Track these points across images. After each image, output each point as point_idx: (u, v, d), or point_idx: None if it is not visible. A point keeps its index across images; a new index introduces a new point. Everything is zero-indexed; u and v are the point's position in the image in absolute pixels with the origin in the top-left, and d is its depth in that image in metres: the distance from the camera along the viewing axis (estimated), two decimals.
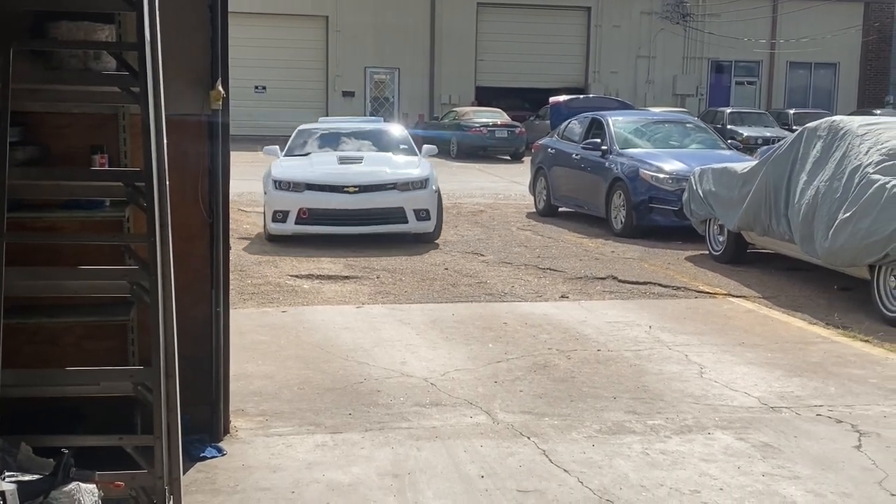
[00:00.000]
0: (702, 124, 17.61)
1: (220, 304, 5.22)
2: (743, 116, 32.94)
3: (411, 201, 12.51)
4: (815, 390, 6.49)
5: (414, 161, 13.75)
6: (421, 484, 4.78)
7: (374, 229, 12.48)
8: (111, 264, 4.51)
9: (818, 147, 9.93)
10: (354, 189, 12.41)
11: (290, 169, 12.99)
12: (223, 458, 5.05)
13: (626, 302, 9.36)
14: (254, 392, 6.16)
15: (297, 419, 5.72)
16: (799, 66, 42.44)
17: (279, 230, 12.43)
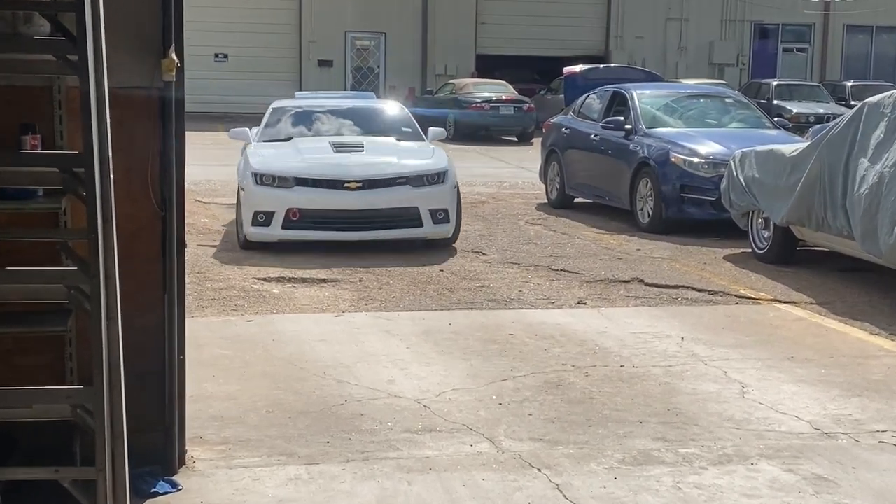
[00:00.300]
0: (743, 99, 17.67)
1: (174, 311, 5.21)
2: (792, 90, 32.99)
3: (427, 199, 11.72)
4: (878, 413, 6.50)
5: (426, 148, 13.02)
6: None
7: (380, 234, 11.70)
8: (45, 265, 4.51)
9: (882, 126, 9.94)
10: (357, 185, 11.57)
11: (273, 159, 12.14)
12: (178, 493, 5.03)
13: (654, 309, 9.39)
14: (214, 416, 6.15)
15: (265, 448, 5.70)
16: (858, 29, 42.53)
17: (261, 235, 11.51)
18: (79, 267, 3.96)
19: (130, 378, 3.90)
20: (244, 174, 11.95)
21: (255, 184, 11.56)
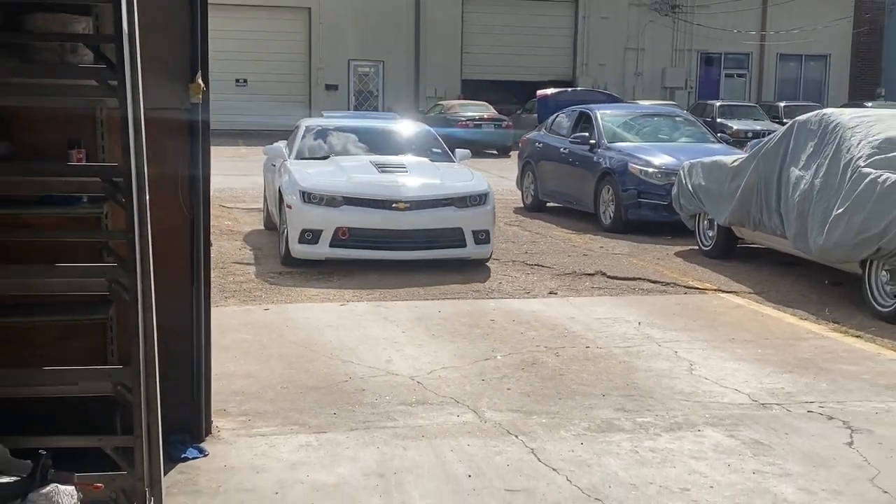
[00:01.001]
0: (691, 117, 17.66)
1: (200, 301, 5.20)
2: (732, 109, 33.03)
3: (470, 220, 10.46)
4: (806, 386, 6.52)
5: (465, 171, 11.73)
6: (407, 484, 4.78)
7: (426, 254, 10.33)
8: (89, 261, 4.50)
9: (809, 140, 9.97)
10: (405, 205, 10.24)
11: (320, 177, 10.68)
12: (205, 458, 5.03)
13: (615, 298, 9.39)
14: (236, 391, 6.14)
15: (280, 419, 5.70)
16: (789, 58, 42.62)
17: (307, 253, 10.19)
18: (118, 263, 3.95)
19: (164, 359, 3.89)
20: (290, 191, 10.46)
21: (303, 202, 10.21)
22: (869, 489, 4.82)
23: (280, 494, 4.63)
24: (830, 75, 42.87)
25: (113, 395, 3.98)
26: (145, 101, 3.98)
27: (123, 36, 3.84)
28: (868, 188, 8.77)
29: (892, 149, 9.11)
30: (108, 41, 4.01)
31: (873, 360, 7.22)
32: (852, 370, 6.93)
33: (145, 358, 3.71)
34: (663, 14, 40.96)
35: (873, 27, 42.27)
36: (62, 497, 3.13)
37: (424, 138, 12.88)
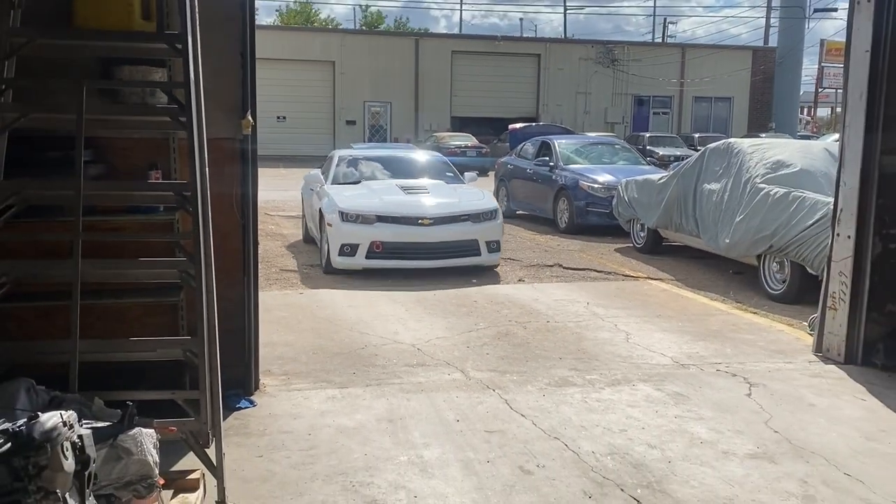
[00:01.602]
0: (627, 145, 17.65)
1: (250, 287, 5.20)
2: (659, 139, 33.00)
3: (483, 233, 9.78)
4: (716, 351, 6.54)
5: (476, 191, 10.85)
6: (410, 426, 4.78)
7: (447, 263, 9.55)
8: (164, 256, 4.49)
9: (718, 163, 9.99)
10: (429, 221, 9.54)
11: (355, 199, 9.86)
12: (254, 408, 5.03)
13: (570, 284, 9.39)
14: (278, 356, 6.13)
15: (312, 377, 5.69)
16: (702, 99, 42.71)
17: (346, 264, 9.44)
18: (187, 258, 3.95)
19: (223, 332, 3.89)
20: (330, 211, 9.65)
21: (342, 220, 9.46)
22: (763, 429, 4.85)
23: (312, 435, 4.62)
24: (734, 113, 42.97)
25: (183, 360, 3.99)
26: (208, 133, 3.97)
27: (190, 83, 3.84)
28: (762, 200, 8.80)
29: (781, 169, 9.13)
30: (179, 87, 4.00)
31: (766, 331, 7.25)
32: (751, 338, 6.96)
33: (208, 330, 3.70)
34: (606, 66, 41.03)
35: (766, 75, 42.37)
36: (144, 438, 3.13)
37: (439, 164, 11.99)
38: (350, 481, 4.04)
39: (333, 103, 38.38)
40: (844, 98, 6.32)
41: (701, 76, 41.32)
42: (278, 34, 37.85)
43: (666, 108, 42.81)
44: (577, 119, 40.04)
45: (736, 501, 3.90)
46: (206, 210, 3.82)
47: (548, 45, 42.09)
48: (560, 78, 40.62)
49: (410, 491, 3.94)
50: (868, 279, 6.13)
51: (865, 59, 6.01)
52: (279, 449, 4.43)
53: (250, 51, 4.98)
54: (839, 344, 6.27)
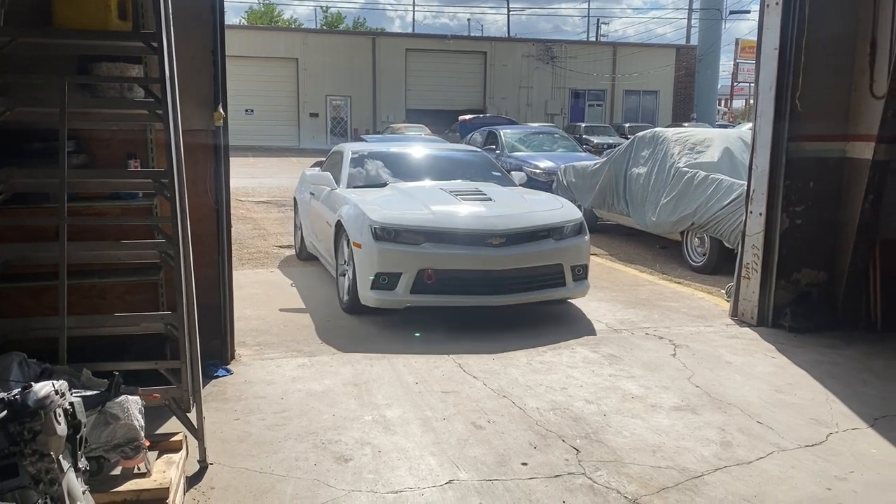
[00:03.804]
0: (565, 135, 17.80)
1: (225, 266, 5.15)
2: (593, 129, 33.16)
3: (568, 254, 6.39)
4: (645, 317, 6.67)
5: (551, 198, 7.42)
6: (374, 389, 4.80)
7: (524, 298, 6.21)
8: (144, 239, 4.43)
9: (646, 149, 10.13)
10: (499, 240, 6.12)
11: (392, 209, 6.41)
12: (231, 376, 5.01)
13: None
14: (252, 329, 6.09)
15: (283, 347, 5.67)
16: (632, 93, 43.02)
17: (383, 301, 6.06)
18: (166, 239, 3.89)
19: (200, 307, 3.85)
20: (357, 228, 6.28)
21: (376, 239, 6.07)
22: (687, 385, 4.97)
23: (284, 399, 4.62)
24: (660, 105, 43.39)
25: (164, 333, 3.95)
26: (182, 125, 3.90)
27: (166, 79, 3.78)
28: (685, 183, 8.96)
29: (702, 155, 9.30)
30: (156, 82, 3.92)
31: (689, 299, 7.40)
32: (675, 305, 7.10)
33: (187, 305, 3.67)
34: (546, 63, 41.06)
35: (688, 71, 42.85)
36: (131, 404, 3.11)
37: (482, 161, 8.51)
38: (320, 439, 4.06)
39: (297, 97, 37.82)
40: (756, 90, 6.46)
41: (630, 72, 41.66)
42: (246, 33, 37.11)
43: (600, 101, 43.07)
44: (521, 111, 40.08)
45: (663, 448, 4.01)
46: (183, 195, 3.77)
47: (493, 43, 41.94)
48: (505, 73, 40.59)
49: (375, 446, 3.97)
50: (777, 251, 6.30)
51: (774, 56, 6.15)
52: (254, 412, 4.42)
53: (220, 48, 4.91)
54: (752, 309, 6.45)
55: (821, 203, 6.26)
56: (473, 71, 40.59)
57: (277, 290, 7.56)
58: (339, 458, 3.83)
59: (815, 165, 6.21)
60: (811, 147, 6.18)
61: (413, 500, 3.43)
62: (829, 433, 4.22)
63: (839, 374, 5.19)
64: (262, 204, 14.44)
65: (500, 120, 23.40)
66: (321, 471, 3.70)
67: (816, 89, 6.08)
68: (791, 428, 4.29)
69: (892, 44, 5.77)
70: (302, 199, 8.88)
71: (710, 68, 42.13)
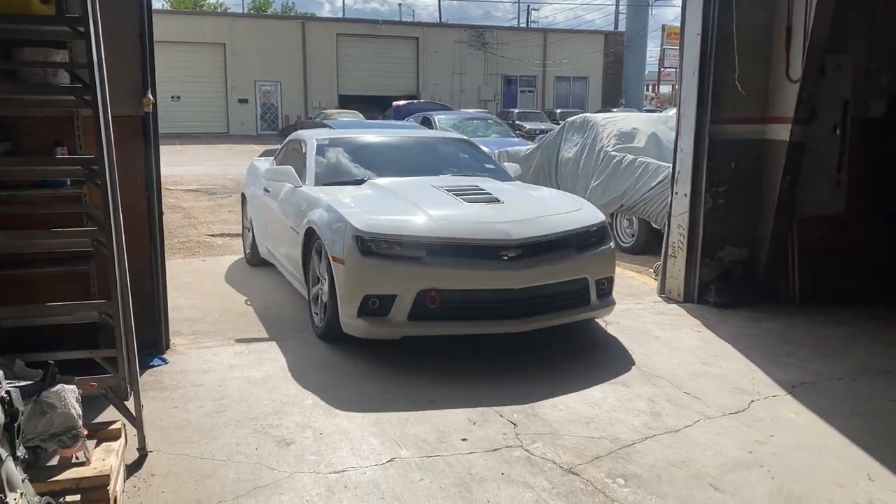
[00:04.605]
0: (499, 120, 17.97)
1: (157, 255, 5.10)
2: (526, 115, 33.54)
3: (593, 266, 5.28)
4: None
5: (565, 196, 6.32)
6: (310, 375, 4.83)
7: (545, 322, 5.08)
8: (73, 227, 4.36)
9: (576, 134, 10.35)
10: (516, 252, 4.94)
11: (380, 213, 5.17)
12: (167, 365, 4.97)
13: None
14: (187, 319, 6.03)
15: (219, 336, 5.63)
16: (562, 79, 43.68)
17: (373, 330, 4.89)
18: (98, 228, 3.85)
19: (134, 296, 3.81)
20: (335, 238, 5.05)
21: (363, 254, 4.87)
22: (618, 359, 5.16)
23: (222, 387, 4.61)
24: (590, 90, 44.17)
25: (98, 322, 3.91)
26: (112, 110, 3.86)
27: (94, 64, 3.72)
28: (614, 166, 9.19)
29: (630, 139, 9.56)
30: (83, 67, 3.86)
31: (619, 278, 7.52)
32: None
33: (121, 292, 3.64)
34: (478, 49, 41.29)
35: (616, 57, 43.70)
36: (67, 393, 3.08)
37: (471, 151, 7.28)
38: (260, 424, 4.08)
39: (225, 83, 37.08)
40: (679, 76, 6.70)
41: (561, 58, 42.25)
42: (171, 18, 36.09)
43: (531, 87, 43.56)
44: (454, 97, 40.23)
45: (596, 419, 4.17)
46: (115, 182, 3.73)
47: (425, 29, 41.91)
48: (437, 59, 40.64)
49: (316, 429, 4.02)
50: (702, 230, 6.57)
51: (697, 42, 6.38)
52: (192, 400, 4.41)
53: (148, 33, 4.84)
54: (679, 286, 6.71)
55: (742, 183, 6.55)
56: (406, 57, 40.52)
57: (211, 279, 7.48)
58: (280, 442, 3.87)
59: (737, 147, 6.49)
60: (732, 130, 6.45)
61: (355, 478, 3.50)
62: (751, 401, 4.46)
63: (761, 346, 5.47)
64: (191, 192, 14.19)
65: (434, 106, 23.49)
66: (263, 454, 3.73)
67: (737, 73, 6.34)
68: (716, 397, 4.52)
69: (805, 30, 6.06)
70: (253, 195, 7.61)
71: (638, 54, 43.03)
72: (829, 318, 6.15)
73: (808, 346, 5.49)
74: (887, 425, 4.14)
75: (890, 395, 4.57)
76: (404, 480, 3.48)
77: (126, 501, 3.29)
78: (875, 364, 5.13)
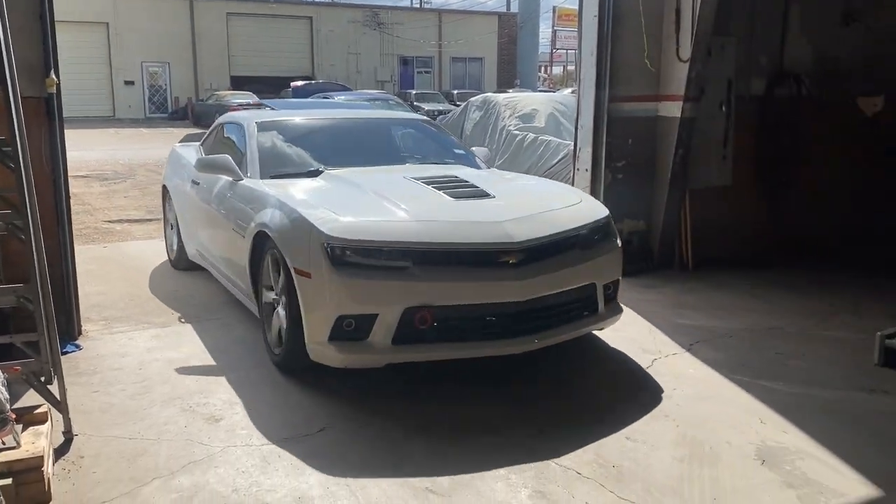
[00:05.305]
0: (400, 101, 18.15)
1: (66, 239, 5.01)
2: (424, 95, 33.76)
3: (600, 269, 4.49)
4: None
5: (559, 188, 5.65)
6: (232, 353, 4.86)
7: (554, 337, 4.22)
8: None
9: (479, 114, 10.61)
10: (518, 256, 4.07)
11: (351, 213, 4.20)
12: (81, 351, 4.90)
13: None
14: (94, 305, 5.91)
15: (132, 320, 5.56)
16: (458, 59, 44.09)
17: (352, 357, 3.95)
18: (12, 210, 3.76)
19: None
20: (300, 245, 4.11)
21: (334, 264, 3.93)
22: None
23: (143, 369, 4.60)
24: (485, 71, 44.76)
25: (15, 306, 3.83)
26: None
27: (1, 43, 3.63)
28: (517, 145, 9.52)
29: (531, 119, 9.91)
30: None
31: None
32: None
33: (40, 275, 3.60)
34: (373, 29, 41.10)
35: (510, 38, 44.43)
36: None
37: (437, 135, 6.35)
38: (187, 403, 4.11)
39: (110, 64, 35.48)
40: (578, 56, 7.02)
41: (456, 38, 42.60)
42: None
43: (428, 68, 43.74)
44: (350, 78, 39.90)
45: None
46: (28, 163, 3.66)
47: (319, 8, 41.25)
48: (332, 39, 40.18)
49: (245, 404, 4.08)
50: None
51: (594, 23, 6.70)
52: (113, 384, 4.38)
53: (49, 11, 4.72)
54: None
55: (638, 159, 6.95)
56: (299, 37, 39.87)
57: (115, 265, 7.32)
58: (209, 419, 3.92)
59: (633, 124, 6.87)
60: (629, 107, 6.83)
61: (289, 448, 3.60)
62: (654, 359, 4.82)
63: (659, 310, 5.86)
64: (81, 178, 13.65)
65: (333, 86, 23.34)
66: (193, 431, 3.78)
67: (633, 53, 6.71)
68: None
69: (693, 13, 6.47)
70: (178, 188, 6.63)
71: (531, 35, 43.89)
72: (719, 283, 6.64)
73: (702, 308, 5.93)
74: (774, 374, 4.58)
75: (776, 349, 5.04)
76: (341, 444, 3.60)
77: (58, 484, 3.28)
78: (761, 322, 5.61)
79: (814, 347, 5.05)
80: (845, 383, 4.45)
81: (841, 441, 3.69)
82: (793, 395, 4.27)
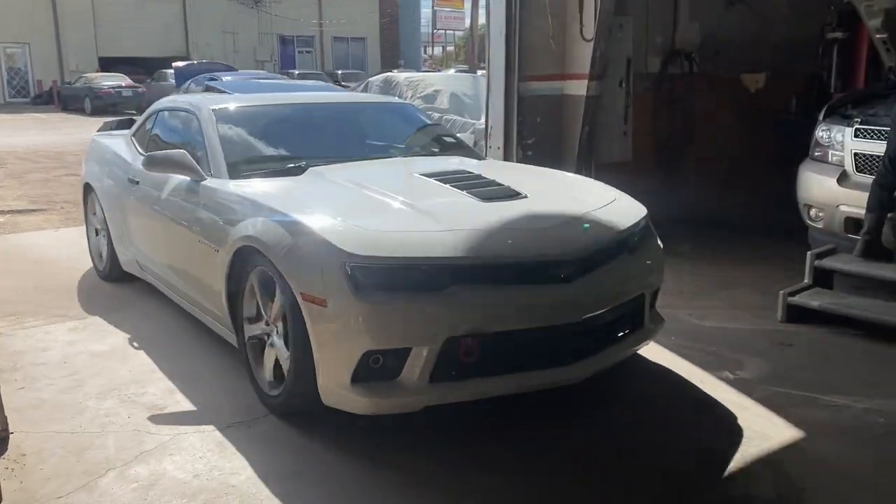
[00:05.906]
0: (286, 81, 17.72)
1: None
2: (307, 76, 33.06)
3: (647, 276, 3.79)
4: None
5: (591, 185, 4.59)
6: (160, 342, 4.75)
7: (604, 361, 3.43)
8: None
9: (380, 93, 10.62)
10: (569, 269, 3.28)
11: (373, 224, 3.30)
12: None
13: None
14: (1, 301, 5.60)
15: (45, 314, 5.31)
16: (340, 39, 43.59)
17: (381, 402, 3.07)
18: None
19: None
20: (313, 266, 3.13)
21: (356, 289, 3.00)
22: None
23: (68, 363, 4.43)
24: (368, 52, 44.46)
25: None
26: None
27: None
28: None
29: (433, 100, 10.02)
30: None
31: None
32: None
33: None
34: (250, 7, 39.98)
35: (392, 18, 44.34)
36: None
37: (422, 120, 5.51)
38: (125, 394, 4.01)
39: None
40: (487, 35, 7.19)
41: (337, 18, 42.02)
42: None
43: (309, 48, 43.01)
44: (228, 57, 38.53)
45: None
46: None
47: None
48: (206, 18, 38.76)
49: (188, 392, 4.02)
50: None
51: (502, 4, 6.89)
52: (39, 379, 4.21)
53: None
54: None
55: (547, 135, 7.21)
56: (172, 15, 38.28)
57: (13, 258, 6.94)
58: (152, 408, 3.85)
59: (541, 102, 7.12)
60: (537, 86, 7.06)
61: (244, 432, 3.59)
62: None
63: None
64: None
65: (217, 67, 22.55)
66: (139, 421, 3.70)
67: (539, 33, 6.94)
68: None
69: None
70: (107, 187, 5.67)
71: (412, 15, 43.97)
72: None
73: None
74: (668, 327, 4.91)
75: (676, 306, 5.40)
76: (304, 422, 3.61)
77: (5, 484, 3.16)
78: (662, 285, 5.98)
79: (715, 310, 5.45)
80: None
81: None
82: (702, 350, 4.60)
